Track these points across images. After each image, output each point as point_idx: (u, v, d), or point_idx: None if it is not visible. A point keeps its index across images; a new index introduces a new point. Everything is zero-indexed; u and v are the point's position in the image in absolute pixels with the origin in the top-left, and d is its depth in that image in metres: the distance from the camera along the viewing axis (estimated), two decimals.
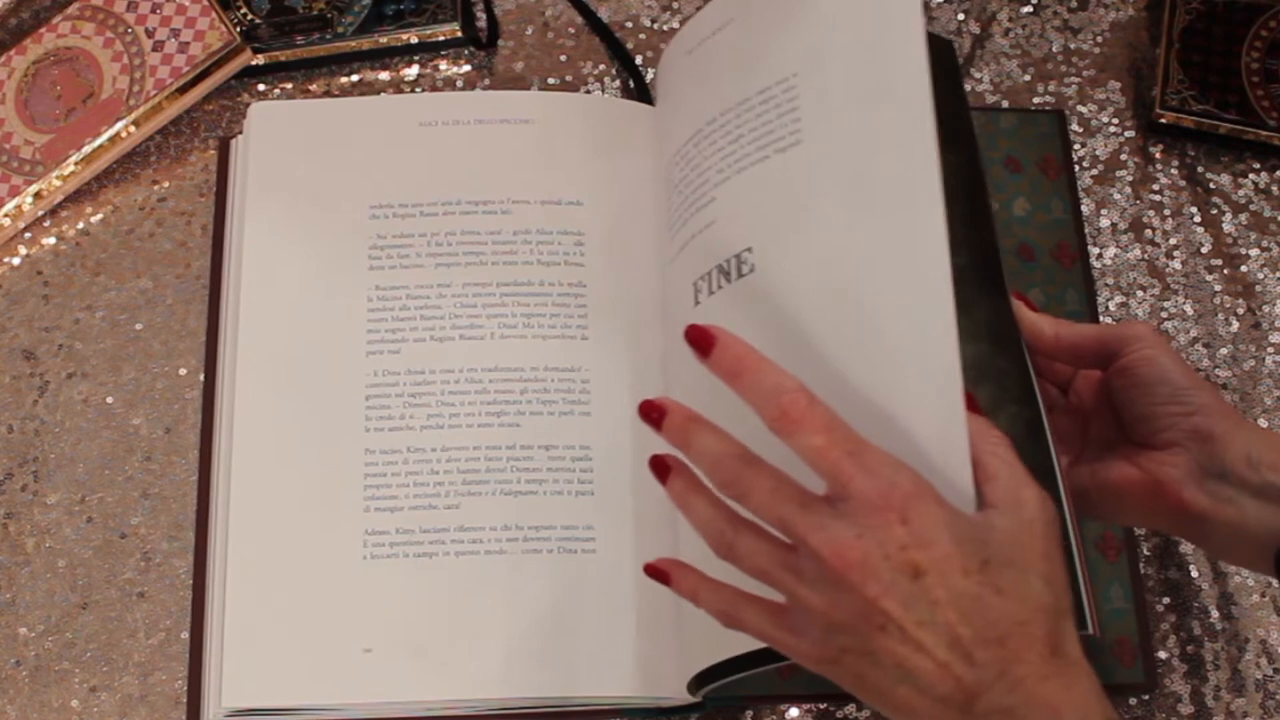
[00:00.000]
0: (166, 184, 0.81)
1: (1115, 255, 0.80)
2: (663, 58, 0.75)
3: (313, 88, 0.84)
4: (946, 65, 0.73)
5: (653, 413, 0.54)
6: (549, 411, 0.71)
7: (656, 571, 0.57)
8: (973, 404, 0.54)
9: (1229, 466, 0.59)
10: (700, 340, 0.53)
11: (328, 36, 0.83)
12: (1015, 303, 0.63)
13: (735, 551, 0.52)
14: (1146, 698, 0.70)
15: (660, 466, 0.55)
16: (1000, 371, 0.61)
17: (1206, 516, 0.59)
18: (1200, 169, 0.82)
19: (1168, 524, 0.63)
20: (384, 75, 0.84)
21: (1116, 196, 0.81)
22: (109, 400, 0.76)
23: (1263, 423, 0.76)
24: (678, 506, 0.54)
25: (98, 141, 0.79)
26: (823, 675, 0.52)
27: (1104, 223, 0.81)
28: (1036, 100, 0.84)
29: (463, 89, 0.84)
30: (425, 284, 0.74)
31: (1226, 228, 0.81)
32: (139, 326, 0.78)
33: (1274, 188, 0.82)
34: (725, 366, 0.52)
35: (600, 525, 0.69)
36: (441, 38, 0.84)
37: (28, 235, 0.80)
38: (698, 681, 0.64)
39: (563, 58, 0.85)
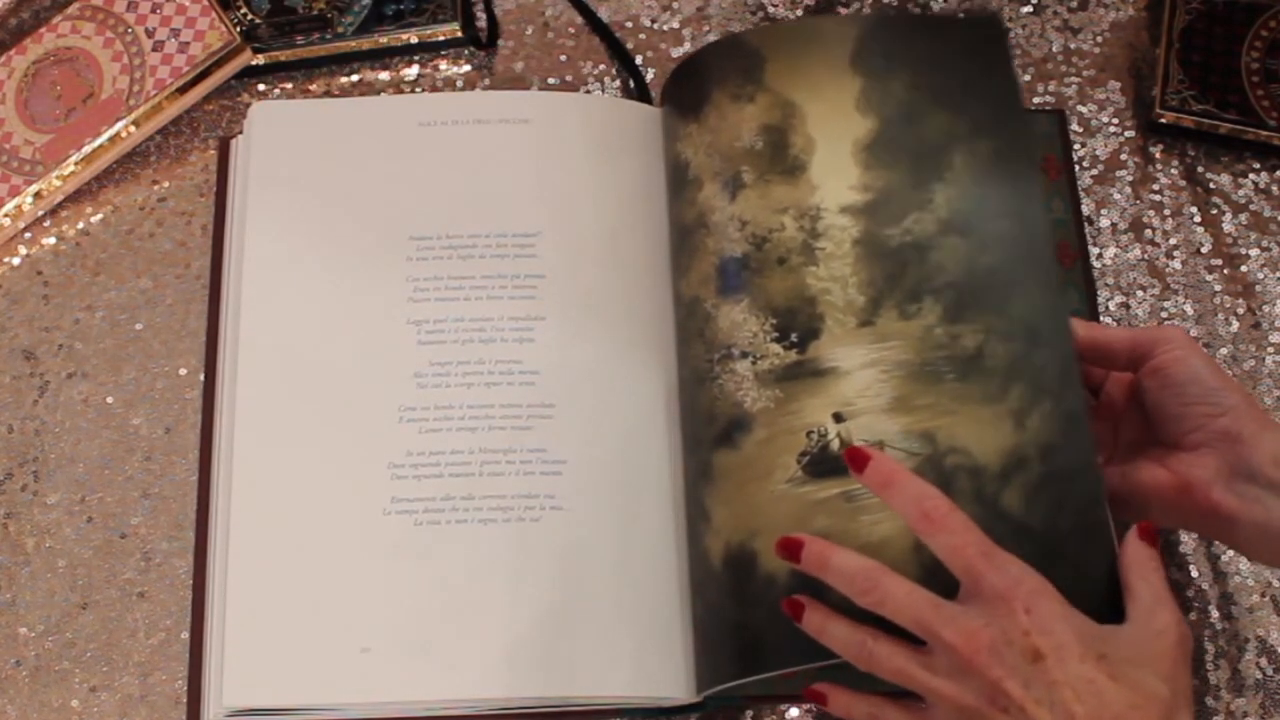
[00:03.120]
0: (166, 184, 0.81)
1: (1115, 255, 0.80)
2: None
3: (313, 88, 0.84)
4: (990, 41, 0.70)
5: (790, 546, 0.60)
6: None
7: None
8: (1150, 534, 0.59)
9: (1257, 468, 0.60)
10: (856, 458, 0.59)
11: (328, 36, 0.83)
12: None
13: (875, 657, 0.57)
14: None
15: (794, 605, 0.60)
16: (1035, 367, 0.62)
17: (1235, 517, 0.60)
18: (1200, 169, 0.82)
19: (1197, 524, 0.64)
20: (384, 75, 0.84)
21: (1116, 196, 0.81)
22: (109, 400, 0.76)
23: None
24: (815, 634, 0.59)
25: (98, 141, 0.79)
26: None
27: (1104, 223, 0.81)
28: (1036, 100, 0.84)
29: (463, 89, 0.84)
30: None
31: (1226, 228, 0.81)
32: (139, 326, 0.78)
33: (1274, 188, 0.82)
34: (877, 479, 0.59)
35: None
36: (441, 38, 0.84)
37: (28, 235, 0.80)
38: (705, 684, 0.65)
39: (563, 58, 0.85)
